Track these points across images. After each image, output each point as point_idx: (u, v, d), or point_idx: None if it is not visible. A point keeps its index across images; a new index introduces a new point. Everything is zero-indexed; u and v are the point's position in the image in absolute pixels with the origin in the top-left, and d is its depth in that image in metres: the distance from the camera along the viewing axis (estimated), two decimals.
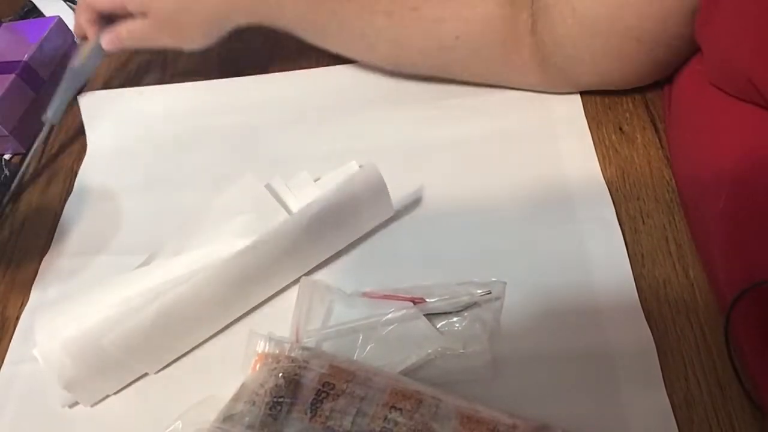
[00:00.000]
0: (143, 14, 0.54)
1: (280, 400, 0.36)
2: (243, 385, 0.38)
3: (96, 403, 0.43)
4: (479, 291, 0.41)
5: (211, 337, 0.44)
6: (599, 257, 0.42)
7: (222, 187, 0.46)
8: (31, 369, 0.45)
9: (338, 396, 0.35)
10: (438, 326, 0.41)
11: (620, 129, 0.49)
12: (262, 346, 0.39)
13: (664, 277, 0.41)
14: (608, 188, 0.45)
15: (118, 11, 0.55)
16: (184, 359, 0.44)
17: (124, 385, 0.43)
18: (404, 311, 0.41)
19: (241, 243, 0.41)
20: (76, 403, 0.43)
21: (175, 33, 0.54)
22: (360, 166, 0.50)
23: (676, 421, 0.35)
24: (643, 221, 0.44)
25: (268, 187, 0.47)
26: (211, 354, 0.44)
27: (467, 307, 0.41)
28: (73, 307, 0.43)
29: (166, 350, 0.43)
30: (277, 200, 0.45)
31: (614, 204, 0.44)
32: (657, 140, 0.48)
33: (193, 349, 0.44)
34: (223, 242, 0.42)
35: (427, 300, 0.42)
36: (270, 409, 0.35)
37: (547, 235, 0.44)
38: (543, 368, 0.38)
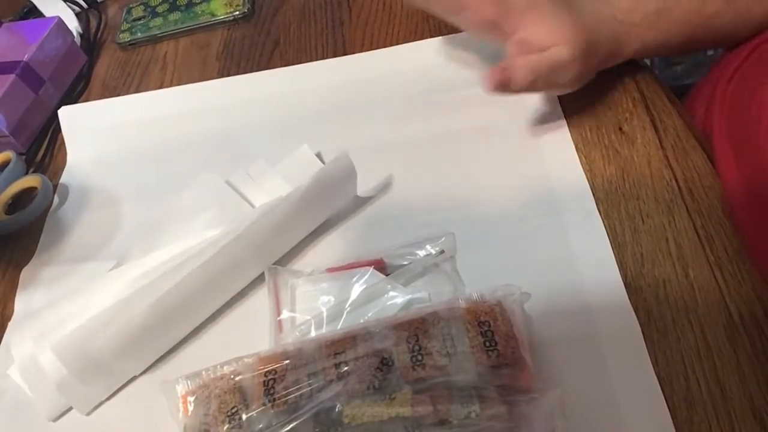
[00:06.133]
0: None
1: (234, 410, 0.35)
2: (186, 429, 0.37)
3: (90, 412, 0.43)
4: (430, 246, 0.43)
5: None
6: (581, 248, 0.43)
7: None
8: None
9: (284, 375, 0.36)
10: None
11: (620, 129, 0.49)
12: (181, 388, 0.38)
13: (664, 277, 0.40)
14: (608, 188, 0.45)
15: None
16: None
17: (116, 389, 0.43)
18: (366, 277, 0.42)
19: (209, 234, 0.42)
20: (61, 414, 0.43)
21: None
22: (315, 154, 0.51)
23: (674, 421, 0.35)
24: (643, 221, 0.43)
25: (229, 182, 0.48)
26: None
27: (425, 269, 0.43)
28: (54, 315, 0.43)
29: (153, 349, 0.44)
30: (239, 193, 0.47)
31: (613, 204, 0.44)
32: (657, 140, 0.47)
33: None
34: (192, 236, 0.43)
35: (385, 259, 0.43)
36: (230, 422, 0.35)
37: (528, 229, 0.44)
38: (536, 358, 0.38)
